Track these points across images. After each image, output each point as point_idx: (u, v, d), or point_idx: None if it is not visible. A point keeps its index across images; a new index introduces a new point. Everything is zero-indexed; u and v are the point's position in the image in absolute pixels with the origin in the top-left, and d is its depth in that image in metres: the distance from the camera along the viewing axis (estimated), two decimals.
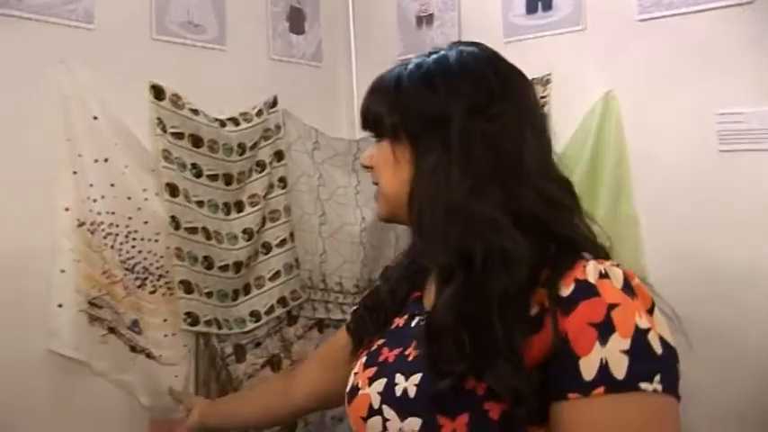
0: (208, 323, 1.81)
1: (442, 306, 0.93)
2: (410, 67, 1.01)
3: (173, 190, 1.73)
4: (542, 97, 1.85)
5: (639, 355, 0.81)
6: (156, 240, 1.72)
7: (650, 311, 0.86)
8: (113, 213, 1.62)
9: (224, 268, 1.87)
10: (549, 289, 0.87)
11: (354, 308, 1.31)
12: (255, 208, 1.97)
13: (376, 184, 1.09)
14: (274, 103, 2.04)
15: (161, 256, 1.73)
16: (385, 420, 0.97)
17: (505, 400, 0.85)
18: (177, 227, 1.74)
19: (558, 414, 0.84)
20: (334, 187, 2.16)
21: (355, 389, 1.05)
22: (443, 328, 0.92)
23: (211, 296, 1.84)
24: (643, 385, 0.80)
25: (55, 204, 1.56)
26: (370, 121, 1.06)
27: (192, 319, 1.76)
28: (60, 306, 1.54)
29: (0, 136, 1.46)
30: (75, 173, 1.57)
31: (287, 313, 2.09)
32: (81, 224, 1.58)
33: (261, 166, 1.99)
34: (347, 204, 2.17)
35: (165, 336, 1.73)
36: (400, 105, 0.99)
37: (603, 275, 0.86)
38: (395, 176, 1.01)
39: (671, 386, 0.82)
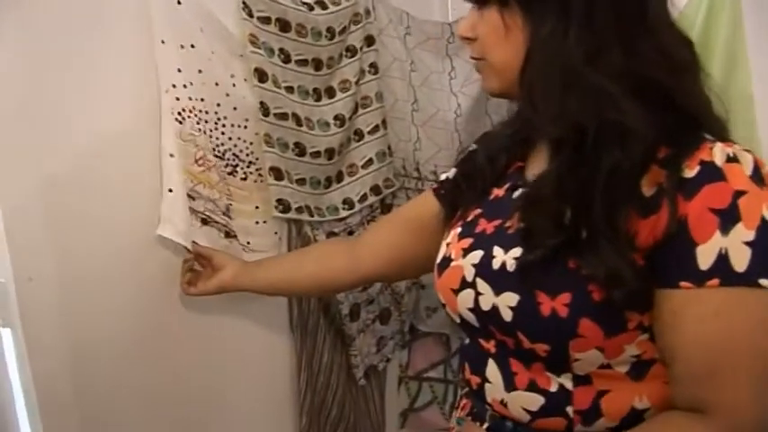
0: (299, 210, 1.80)
1: (547, 176, 0.92)
2: None
3: (261, 75, 1.70)
4: None
5: (764, 248, 0.77)
6: (245, 127, 1.70)
7: None
8: (202, 100, 1.60)
9: (316, 155, 1.85)
10: (671, 169, 0.82)
11: (444, 174, 1.27)
12: (347, 94, 1.92)
13: (477, 58, 1.02)
14: None
15: (250, 143, 1.72)
16: (478, 294, 0.97)
17: (604, 282, 0.84)
18: (266, 113, 1.72)
19: (665, 302, 0.82)
20: (427, 73, 2.09)
21: (447, 260, 1.05)
22: (544, 198, 0.91)
23: (303, 183, 1.83)
24: (764, 282, 0.76)
25: (153, 89, 1.54)
26: None
27: (284, 206, 1.76)
28: (171, 191, 1.54)
29: (89, 27, 1.44)
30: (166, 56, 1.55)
31: (380, 201, 2.07)
32: (180, 110, 1.56)
33: (351, 51, 1.94)
34: (441, 90, 2.10)
35: (257, 223, 1.74)
36: None
37: (732, 159, 0.81)
38: (506, 46, 0.94)
39: None
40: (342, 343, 2.01)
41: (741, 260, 0.76)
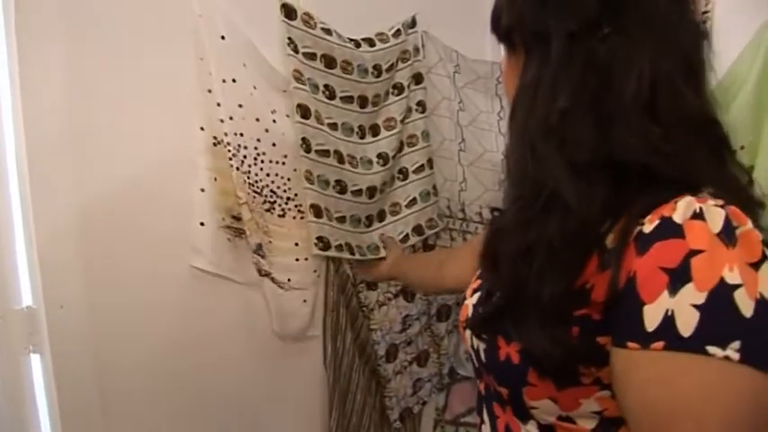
0: (339, 248, 1.79)
1: (496, 231, 0.93)
2: None
3: (304, 111, 1.70)
4: (704, 12, 1.66)
5: (715, 313, 0.70)
6: (284, 163, 1.71)
7: (756, 265, 0.72)
8: (241, 135, 1.61)
9: (357, 193, 1.84)
10: (630, 222, 0.78)
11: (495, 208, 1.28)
12: (391, 132, 1.91)
13: None
14: (413, 23, 1.96)
15: (288, 179, 1.72)
16: (472, 334, 0.99)
17: (532, 355, 0.84)
18: (308, 149, 1.71)
19: (616, 361, 0.78)
20: (476, 113, 2.07)
21: (464, 297, 1.07)
22: (492, 252, 0.92)
23: (344, 221, 1.82)
24: (711, 349, 0.69)
25: (191, 123, 1.57)
26: (492, 20, 0.97)
27: (323, 243, 1.74)
28: (202, 224, 1.58)
29: (134, 55, 1.47)
30: (209, 91, 1.57)
31: (423, 242, 2.04)
32: (217, 143, 1.59)
33: (398, 88, 1.93)
34: (489, 131, 2.08)
35: (297, 260, 1.73)
36: (514, 12, 0.91)
37: (697, 215, 0.75)
38: (511, 85, 0.94)
39: (756, 358, 0.69)
40: (377, 384, 1.98)
41: (687, 324, 0.70)
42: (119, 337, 1.50)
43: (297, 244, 1.74)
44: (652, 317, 0.73)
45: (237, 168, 1.59)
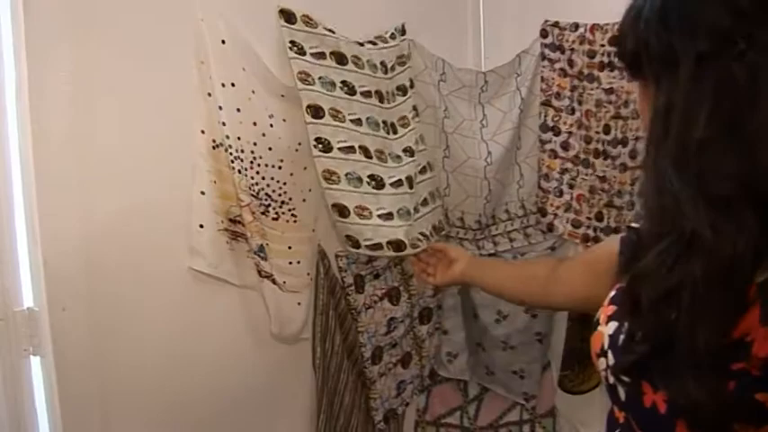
0: (374, 246, 1.75)
1: (638, 274, 0.84)
2: None
3: (315, 111, 1.68)
4: None
5: None
6: (279, 167, 1.71)
7: None
8: (239, 138, 1.61)
9: (397, 183, 1.84)
10: None
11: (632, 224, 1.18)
12: (408, 129, 1.93)
13: None
14: (403, 30, 1.98)
15: (284, 183, 1.72)
16: (608, 365, 0.91)
17: (682, 409, 0.78)
18: (327, 148, 1.69)
19: None
20: (460, 120, 2.10)
21: (596, 323, 0.98)
22: (631, 296, 0.85)
23: (391, 217, 1.79)
24: None
25: (192, 126, 1.58)
26: (617, 47, 0.92)
27: (352, 242, 1.72)
28: (202, 227, 1.59)
29: (137, 58, 1.47)
30: (209, 94, 1.57)
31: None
32: (216, 146, 1.59)
33: (402, 90, 1.95)
34: (472, 138, 2.10)
35: (290, 263, 1.74)
36: (638, 36, 0.84)
37: None
38: (644, 119, 0.89)
39: None
40: (362, 385, 2.00)
41: None
42: (120, 340, 1.50)
43: (290, 247, 1.74)
44: None
45: (239, 171, 1.59)
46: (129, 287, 1.50)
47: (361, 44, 1.85)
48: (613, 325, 0.92)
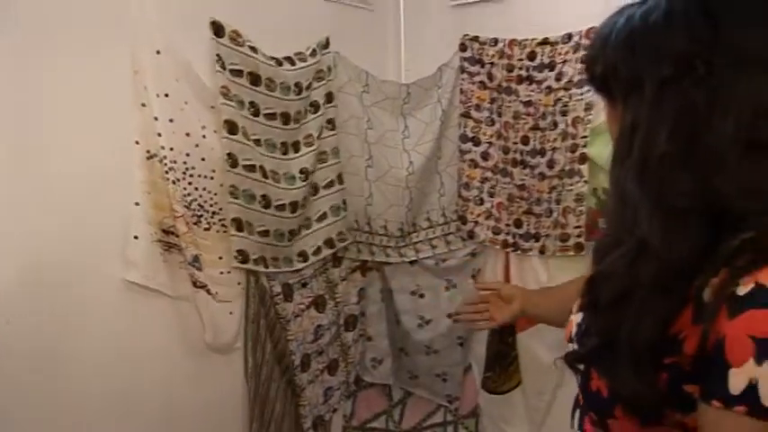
0: (256, 261, 1.82)
1: (594, 277, 0.93)
2: (621, 19, 0.89)
3: (231, 127, 1.72)
4: None
5: None
6: (212, 178, 1.72)
7: None
8: (172, 149, 1.61)
9: (281, 207, 1.87)
10: (726, 281, 0.77)
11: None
12: (311, 148, 1.96)
13: None
14: (327, 44, 2.01)
15: (215, 194, 1.74)
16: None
17: (620, 398, 0.86)
18: (234, 164, 1.73)
19: (702, 414, 0.80)
20: (383, 131, 2.15)
21: (570, 312, 1.08)
22: (592, 294, 0.93)
23: (268, 235, 1.85)
24: None
25: (127, 137, 1.57)
26: (586, 71, 0.98)
27: (243, 256, 1.78)
28: (136, 238, 1.59)
29: (72, 68, 1.46)
30: (143, 105, 1.57)
31: (332, 255, 2.10)
32: (151, 156, 1.59)
33: (314, 106, 1.98)
34: (395, 148, 2.16)
35: (222, 273, 1.75)
36: (606, 61, 0.90)
37: None
38: (613, 133, 0.95)
39: None
40: (292, 393, 2.02)
41: None
42: (58, 351, 1.49)
43: (221, 258, 1.75)
44: (736, 381, 0.74)
45: (173, 182, 1.59)
46: (66, 299, 1.49)
47: (280, 63, 1.88)
48: (580, 315, 1.01)
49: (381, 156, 2.15)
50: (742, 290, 0.75)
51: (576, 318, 1.03)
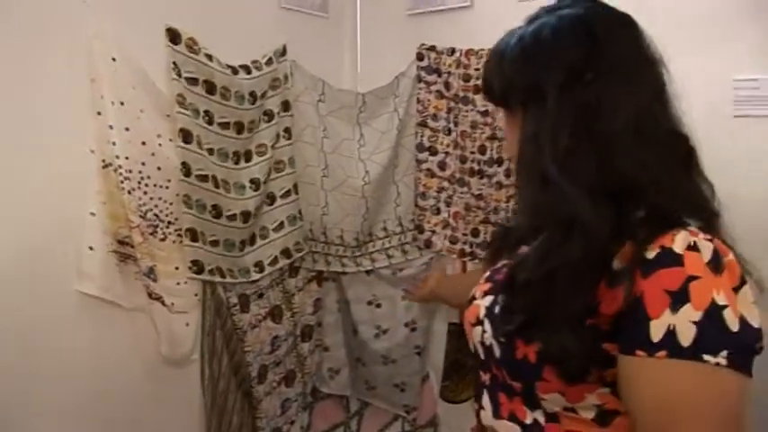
0: (212, 272, 1.80)
1: (518, 263, 1.04)
2: (513, 39, 1.05)
3: (186, 136, 1.70)
4: None
5: (709, 328, 0.85)
6: (167, 187, 1.70)
7: (737, 289, 0.89)
8: (127, 158, 1.59)
9: (232, 218, 1.86)
10: (637, 249, 0.90)
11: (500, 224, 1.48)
12: (263, 158, 1.95)
13: None
14: (283, 52, 2.00)
15: (170, 203, 1.71)
16: (483, 331, 1.12)
17: (555, 357, 0.96)
18: (188, 174, 1.72)
19: (623, 367, 0.91)
20: (339, 140, 2.14)
21: (473, 297, 1.20)
22: (517, 281, 1.02)
23: (218, 245, 1.83)
24: (706, 357, 0.84)
25: (82, 145, 1.55)
26: (484, 88, 1.12)
27: (198, 267, 1.76)
28: (91, 248, 1.57)
29: (28, 75, 1.44)
30: (99, 113, 1.54)
31: (289, 265, 2.09)
32: (106, 165, 1.57)
33: (269, 115, 1.97)
34: (351, 158, 2.15)
35: (178, 284, 1.73)
36: (503, 76, 1.05)
37: (692, 247, 0.89)
38: (511, 142, 1.08)
39: (740, 364, 0.85)
40: (249, 405, 2.00)
41: (686, 336, 0.84)
42: (13, 364, 1.47)
43: (177, 268, 1.73)
44: (657, 330, 0.86)
45: (129, 192, 1.57)
46: (20, 311, 1.46)
47: (236, 71, 1.86)
48: (489, 298, 1.14)
49: (337, 165, 2.14)
50: (650, 254, 0.89)
51: (484, 302, 1.14)
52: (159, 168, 1.67)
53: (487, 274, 1.23)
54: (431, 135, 2.13)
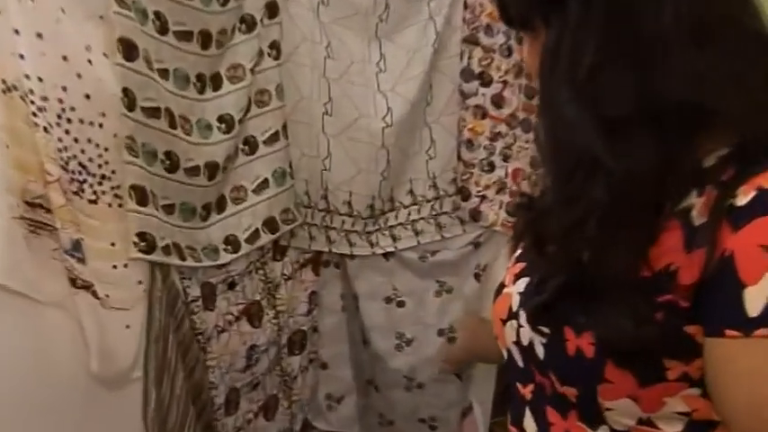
0: (165, 250, 1.77)
1: (540, 215, 1.11)
2: None
3: (128, 49, 1.64)
4: None
5: None
6: (101, 125, 1.64)
7: None
8: (41, 80, 1.53)
9: (193, 171, 1.82)
10: (721, 194, 0.91)
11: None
12: (239, 85, 1.90)
13: None
14: None
15: (105, 149, 1.66)
16: (519, 327, 1.15)
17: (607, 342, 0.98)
18: (131, 106, 1.66)
19: (711, 353, 0.92)
20: (348, 62, 2.09)
21: (501, 286, 1.25)
22: (534, 237, 1.11)
23: (173, 211, 1.80)
24: None
25: None
26: (502, 15, 1.16)
27: (146, 243, 1.71)
28: None
29: None
30: None
31: (273, 242, 2.07)
32: (8, 89, 1.50)
33: (247, 23, 1.91)
34: (365, 87, 2.10)
35: (115, 267, 1.68)
36: None
37: None
38: (532, 66, 1.11)
39: None
40: None
41: None
42: None
43: (113, 244, 1.69)
44: (755, 301, 0.85)
45: (45, 129, 1.52)
46: None
47: None
48: (524, 281, 1.18)
49: (346, 99, 2.09)
50: (742, 199, 0.89)
51: (517, 287, 1.18)
52: (88, 96, 1.61)
53: (518, 252, 1.26)
54: (483, 56, 2.10)
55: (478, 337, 1.98)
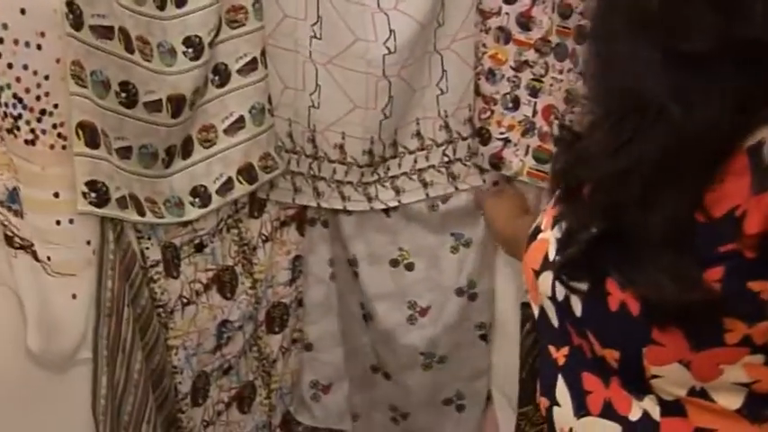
0: (120, 203, 1.77)
1: (578, 158, 1.12)
2: None
3: None
4: None
5: None
6: (39, 47, 1.64)
7: None
8: None
9: (154, 106, 1.81)
10: None
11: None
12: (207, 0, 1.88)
13: None
14: None
15: (45, 77, 1.66)
16: (555, 278, 1.16)
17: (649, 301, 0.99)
18: (78, 24, 1.65)
19: None
20: None
21: (536, 230, 1.27)
22: (572, 183, 1.13)
23: (129, 155, 1.80)
24: None
25: None
26: None
27: (97, 194, 1.72)
28: None
29: None
30: None
31: (250, 195, 2.08)
32: None
33: None
34: (363, 4, 2.08)
35: (59, 223, 1.69)
36: None
37: None
38: None
39: None
40: None
41: None
42: None
43: (57, 195, 1.69)
44: None
45: None
46: None
47: None
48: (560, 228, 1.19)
49: (337, 17, 2.07)
50: None
51: (555, 232, 1.19)
52: (23, 11, 1.61)
53: (558, 192, 1.26)
54: None
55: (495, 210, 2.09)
